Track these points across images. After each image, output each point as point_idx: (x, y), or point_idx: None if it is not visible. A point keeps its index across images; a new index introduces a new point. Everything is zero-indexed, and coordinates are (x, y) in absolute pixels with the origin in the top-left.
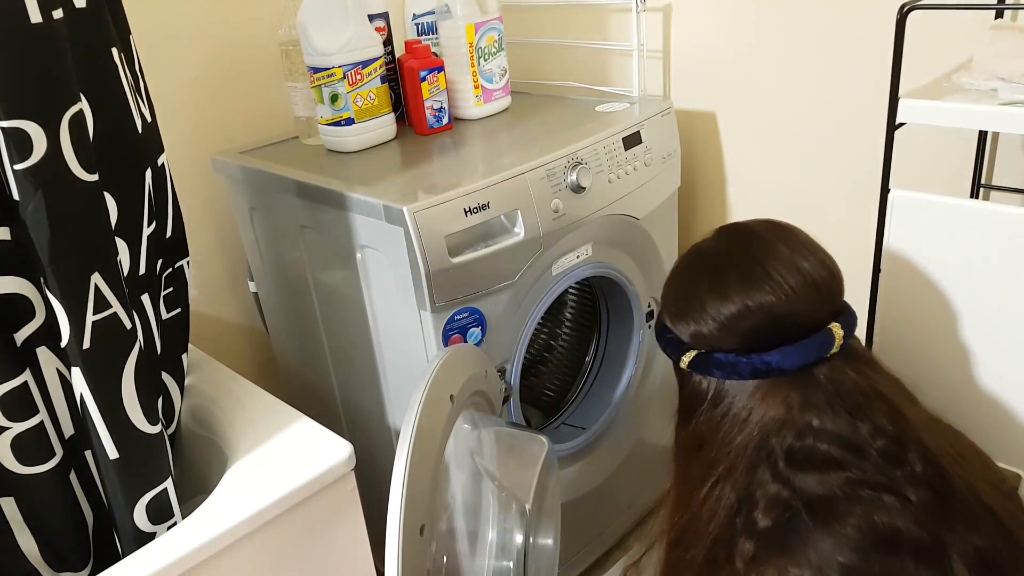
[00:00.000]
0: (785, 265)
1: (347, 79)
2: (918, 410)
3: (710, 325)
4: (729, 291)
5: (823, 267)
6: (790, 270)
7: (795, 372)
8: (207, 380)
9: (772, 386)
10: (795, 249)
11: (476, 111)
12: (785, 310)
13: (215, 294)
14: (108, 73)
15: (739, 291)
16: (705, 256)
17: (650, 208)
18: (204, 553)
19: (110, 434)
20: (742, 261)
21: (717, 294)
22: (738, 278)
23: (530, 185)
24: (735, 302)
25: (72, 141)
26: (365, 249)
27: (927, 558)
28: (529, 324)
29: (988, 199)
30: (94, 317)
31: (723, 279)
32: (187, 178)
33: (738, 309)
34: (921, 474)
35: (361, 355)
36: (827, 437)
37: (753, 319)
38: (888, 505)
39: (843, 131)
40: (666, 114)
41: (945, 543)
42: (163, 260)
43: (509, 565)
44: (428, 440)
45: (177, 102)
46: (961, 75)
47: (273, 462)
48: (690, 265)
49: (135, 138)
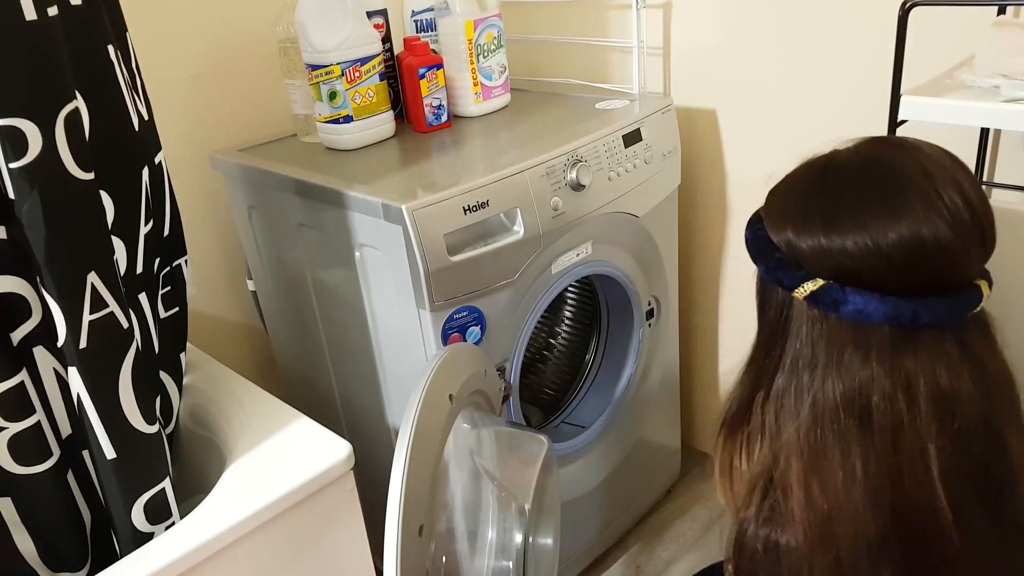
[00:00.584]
0: (960, 195)
1: (345, 76)
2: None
3: (863, 245)
4: (904, 209)
5: (989, 210)
6: (966, 203)
7: (930, 331)
8: (206, 379)
9: (897, 340)
10: (965, 180)
11: (475, 108)
12: (955, 250)
13: (214, 293)
14: (104, 71)
15: (915, 212)
16: (864, 164)
17: (650, 206)
18: (202, 553)
19: (107, 434)
20: (918, 179)
21: (886, 209)
22: (914, 197)
23: (529, 183)
24: (909, 224)
25: (68, 139)
26: (364, 248)
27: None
28: (529, 323)
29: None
30: (91, 317)
31: (896, 194)
32: (186, 176)
33: (911, 233)
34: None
35: (360, 354)
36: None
37: (920, 250)
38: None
39: (844, 129)
40: (666, 111)
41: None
42: (161, 259)
43: (508, 565)
44: (427, 440)
45: (175, 100)
46: (963, 72)
47: (272, 462)
48: (840, 171)
49: (132, 136)
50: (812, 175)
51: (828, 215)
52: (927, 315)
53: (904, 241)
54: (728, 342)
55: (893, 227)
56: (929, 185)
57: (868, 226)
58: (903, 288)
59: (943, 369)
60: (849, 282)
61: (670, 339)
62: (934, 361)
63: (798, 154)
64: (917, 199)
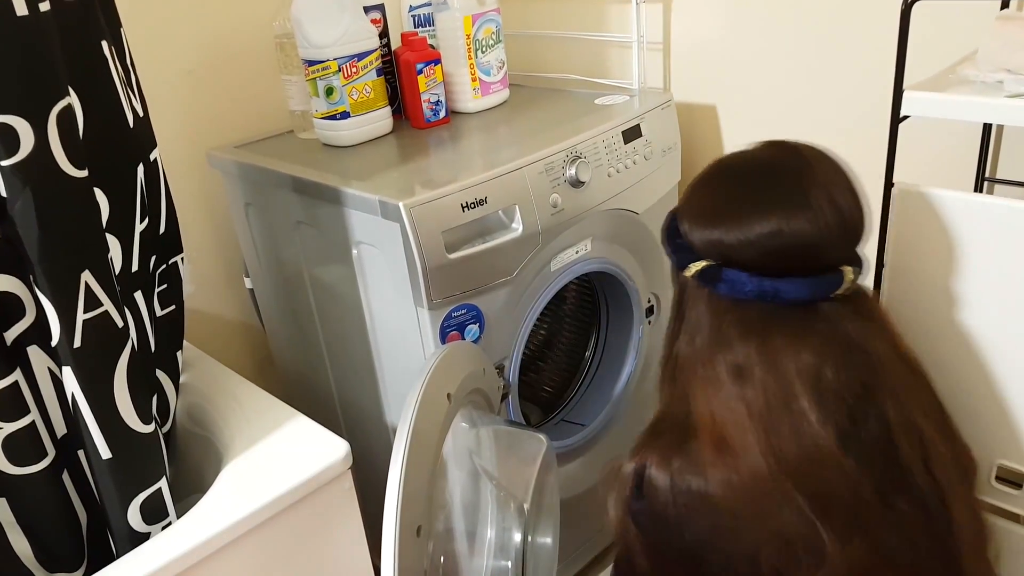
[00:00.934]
0: (827, 197)
1: (342, 72)
2: (902, 374)
3: (736, 236)
4: (770, 208)
5: (857, 208)
6: (830, 203)
7: (794, 305)
8: (202, 377)
9: (766, 313)
10: (837, 183)
11: (473, 104)
12: (814, 242)
13: (211, 290)
14: (98, 67)
15: (779, 210)
16: (749, 166)
17: (650, 203)
18: (199, 554)
19: (102, 434)
20: (789, 181)
21: (756, 207)
22: (782, 197)
23: (528, 180)
24: (771, 221)
25: (61, 136)
26: (361, 245)
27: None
28: (528, 321)
29: (992, 193)
30: (85, 316)
31: (766, 194)
32: (182, 173)
33: (772, 228)
34: (867, 436)
35: (358, 352)
36: (801, 377)
37: (780, 241)
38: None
39: (846, 124)
40: (666, 107)
41: (869, 504)
42: (157, 257)
43: (507, 564)
44: (424, 440)
45: (171, 96)
46: (966, 67)
47: (269, 461)
48: (729, 172)
49: (126, 133)
50: (711, 174)
51: (715, 210)
52: (788, 292)
53: (769, 234)
54: None
55: (761, 223)
56: (799, 187)
57: (742, 221)
58: (769, 270)
59: (808, 340)
60: (728, 264)
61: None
62: (800, 334)
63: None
64: (785, 199)
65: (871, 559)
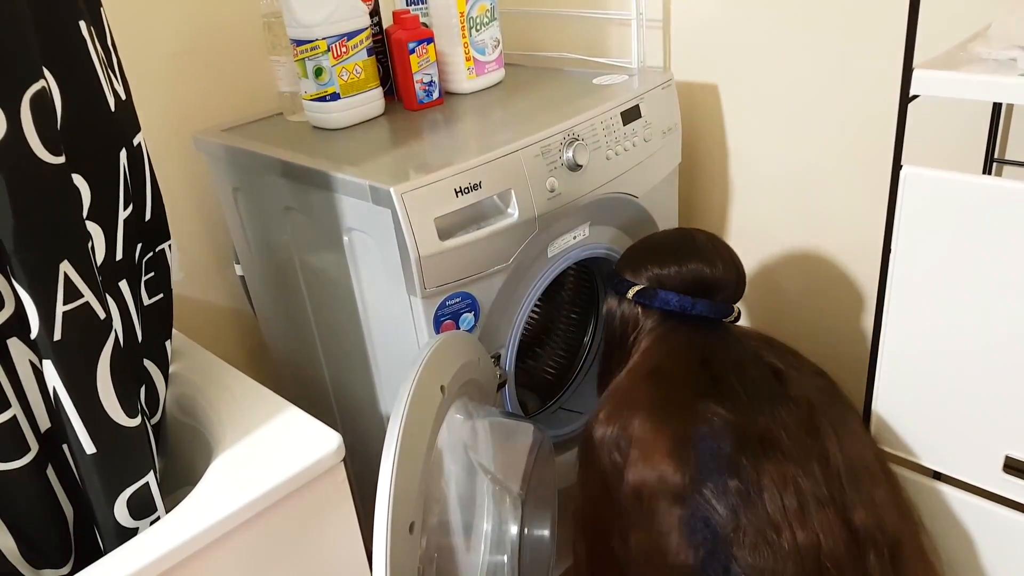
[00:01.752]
0: (723, 258)
1: (332, 52)
2: (779, 349)
3: (670, 268)
4: (693, 255)
5: (741, 268)
6: (726, 262)
7: (701, 319)
8: (192, 367)
9: (680, 324)
10: (730, 251)
11: (468, 85)
12: (714, 281)
13: (201, 278)
14: (76, 48)
15: (695, 259)
16: (672, 234)
17: (650, 186)
18: (188, 550)
19: (86, 428)
20: (700, 244)
21: (684, 253)
22: (697, 252)
23: (524, 163)
24: (695, 261)
25: (35, 121)
26: (352, 232)
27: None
28: (524, 309)
29: (1001, 174)
30: (64, 308)
31: (689, 247)
32: (169, 158)
33: (696, 266)
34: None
35: (351, 341)
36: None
37: (699, 276)
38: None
39: (852, 104)
40: (666, 87)
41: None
42: (143, 244)
43: (504, 559)
44: (417, 435)
45: (156, 78)
46: (977, 44)
47: (259, 454)
48: (658, 235)
49: (108, 117)
50: (645, 239)
51: (653, 253)
52: (700, 308)
53: (693, 269)
54: None
55: (688, 262)
56: (711, 247)
57: (675, 258)
58: (689, 292)
59: (713, 340)
60: (660, 287)
61: None
62: (707, 336)
63: (803, 130)
64: (702, 253)
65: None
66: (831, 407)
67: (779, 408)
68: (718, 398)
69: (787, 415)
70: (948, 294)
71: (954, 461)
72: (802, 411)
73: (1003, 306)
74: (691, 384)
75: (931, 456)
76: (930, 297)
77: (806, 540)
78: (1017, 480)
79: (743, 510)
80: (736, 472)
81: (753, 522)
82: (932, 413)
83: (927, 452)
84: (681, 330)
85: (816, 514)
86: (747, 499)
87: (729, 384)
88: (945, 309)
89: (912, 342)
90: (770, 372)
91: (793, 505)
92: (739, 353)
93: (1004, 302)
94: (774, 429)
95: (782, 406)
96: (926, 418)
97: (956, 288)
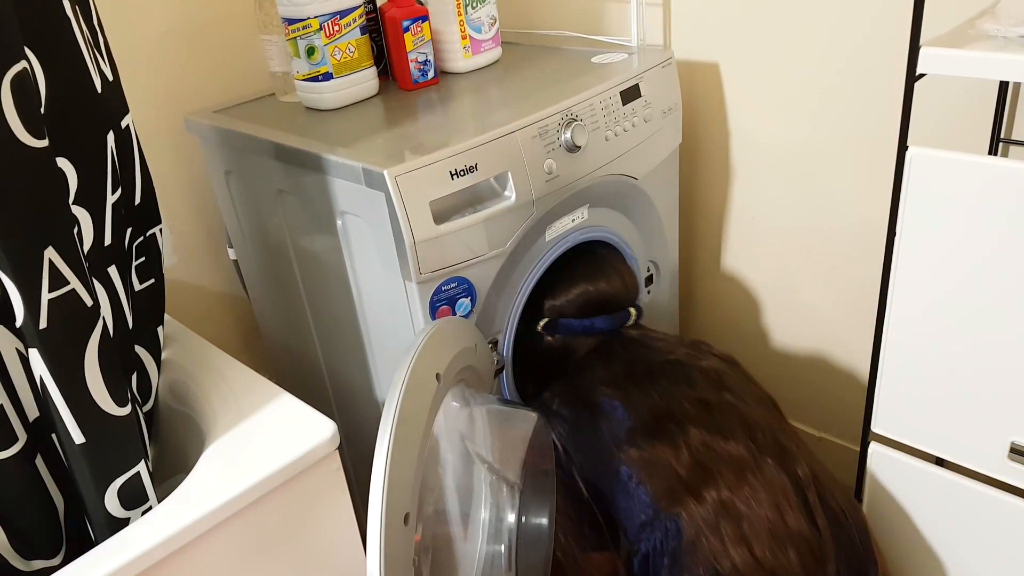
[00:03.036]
0: (606, 273)
1: (324, 30)
2: (673, 343)
3: (560, 301)
4: (575, 282)
5: (625, 278)
6: (609, 275)
7: (606, 332)
8: (185, 353)
9: (595, 339)
10: (611, 267)
11: (464, 64)
12: (606, 296)
13: (194, 262)
14: (60, 28)
15: (579, 283)
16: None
17: (650, 167)
18: (180, 540)
19: (74, 418)
20: (582, 270)
21: (570, 283)
22: (580, 276)
23: (521, 145)
24: (576, 288)
25: (16, 103)
26: (346, 215)
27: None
28: (522, 293)
29: (1007, 154)
30: (50, 295)
31: (573, 277)
32: (160, 140)
33: (577, 291)
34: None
35: (346, 327)
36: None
37: (584, 299)
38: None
39: (857, 83)
40: (666, 65)
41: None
42: (133, 229)
43: (501, 548)
44: (412, 425)
45: (145, 59)
46: (985, 21)
47: (253, 442)
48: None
49: (94, 99)
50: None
51: (550, 291)
52: (600, 324)
53: (579, 295)
54: (728, 306)
55: (573, 290)
56: (593, 268)
57: (563, 292)
58: (587, 315)
59: (615, 345)
60: (560, 316)
61: (669, 305)
62: (612, 343)
63: (806, 110)
64: (583, 277)
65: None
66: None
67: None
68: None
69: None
70: (953, 276)
71: (958, 448)
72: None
73: (1009, 289)
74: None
75: (935, 442)
76: (935, 279)
77: (728, 497)
78: (1022, 467)
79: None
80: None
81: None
82: (936, 398)
83: (931, 438)
84: (605, 343)
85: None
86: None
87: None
88: (950, 292)
89: (917, 325)
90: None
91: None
92: (637, 357)
93: (1010, 285)
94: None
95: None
96: (930, 404)
97: (961, 270)
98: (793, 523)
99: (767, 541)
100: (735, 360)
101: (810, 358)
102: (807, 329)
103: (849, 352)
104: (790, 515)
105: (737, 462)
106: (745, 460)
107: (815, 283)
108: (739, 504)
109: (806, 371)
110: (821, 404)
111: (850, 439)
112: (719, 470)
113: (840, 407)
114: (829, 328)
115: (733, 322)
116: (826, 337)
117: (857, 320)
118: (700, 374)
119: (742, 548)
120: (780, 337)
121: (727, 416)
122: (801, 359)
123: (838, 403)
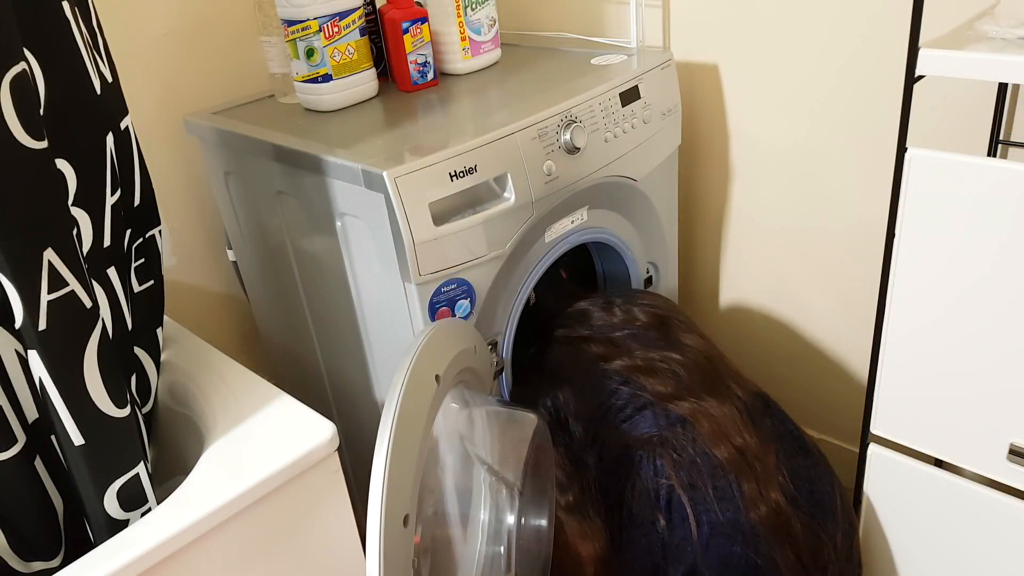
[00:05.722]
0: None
1: (323, 32)
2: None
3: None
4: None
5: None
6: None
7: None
8: (184, 355)
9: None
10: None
11: (463, 65)
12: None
13: (193, 263)
14: (59, 30)
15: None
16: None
17: (649, 169)
18: (179, 542)
19: (73, 419)
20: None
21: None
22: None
23: (520, 146)
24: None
25: (15, 105)
26: (345, 217)
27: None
28: (521, 294)
29: (1006, 156)
30: (49, 296)
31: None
32: (159, 141)
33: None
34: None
35: (345, 328)
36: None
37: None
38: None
39: (856, 85)
40: (666, 67)
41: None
42: (132, 230)
43: (500, 550)
44: (411, 427)
45: (145, 60)
46: (985, 22)
47: (252, 443)
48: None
49: (93, 100)
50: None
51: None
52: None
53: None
54: (728, 307)
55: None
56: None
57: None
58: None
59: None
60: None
61: None
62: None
63: (805, 111)
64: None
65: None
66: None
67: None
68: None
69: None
70: (953, 277)
71: (957, 449)
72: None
73: (1008, 290)
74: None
75: (934, 444)
76: (934, 281)
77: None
78: (1021, 468)
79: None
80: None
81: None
82: (936, 399)
83: (930, 439)
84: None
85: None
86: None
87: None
88: (949, 293)
89: (916, 326)
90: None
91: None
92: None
93: (1009, 286)
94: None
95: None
96: (929, 405)
97: (961, 271)
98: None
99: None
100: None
101: (810, 359)
102: (807, 329)
103: (848, 353)
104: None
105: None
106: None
107: (814, 284)
108: (711, 410)
109: (805, 372)
110: (820, 405)
111: (849, 440)
112: (694, 392)
113: (839, 408)
114: (829, 329)
115: (733, 323)
116: (826, 338)
117: (856, 321)
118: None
119: (725, 441)
120: (780, 338)
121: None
122: (801, 360)
123: (837, 404)
